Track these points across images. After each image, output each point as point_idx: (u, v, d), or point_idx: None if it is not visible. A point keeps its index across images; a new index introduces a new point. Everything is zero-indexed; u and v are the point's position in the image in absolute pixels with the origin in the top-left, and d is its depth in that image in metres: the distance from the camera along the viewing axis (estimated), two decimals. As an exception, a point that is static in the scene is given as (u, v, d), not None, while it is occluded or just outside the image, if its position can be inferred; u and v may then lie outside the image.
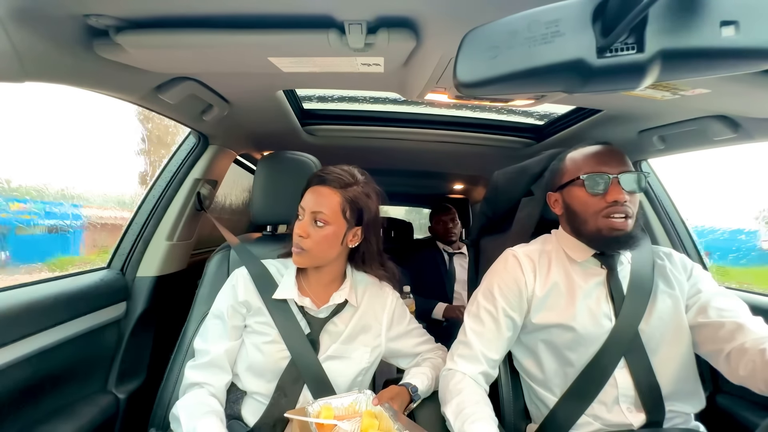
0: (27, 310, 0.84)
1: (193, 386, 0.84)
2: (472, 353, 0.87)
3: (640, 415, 0.82)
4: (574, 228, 0.89)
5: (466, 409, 0.77)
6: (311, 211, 0.86)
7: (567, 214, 0.90)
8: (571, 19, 0.38)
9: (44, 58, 0.66)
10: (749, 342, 0.73)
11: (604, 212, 0.82)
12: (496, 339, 0.88)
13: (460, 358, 0.88)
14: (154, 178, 1.30)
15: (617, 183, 0.81)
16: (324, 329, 0.90)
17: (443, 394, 0.85)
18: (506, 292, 0.89)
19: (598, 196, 0.82)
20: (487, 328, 0.88)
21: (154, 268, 1.23)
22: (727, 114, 0.92)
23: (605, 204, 0.82)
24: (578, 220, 0.87)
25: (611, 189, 0.81)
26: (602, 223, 0.82)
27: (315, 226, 0.86)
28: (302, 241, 0.86)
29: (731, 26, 0.35)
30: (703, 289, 0.85)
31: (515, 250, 0.94)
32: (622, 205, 0.80)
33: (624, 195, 0.80)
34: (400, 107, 1.52)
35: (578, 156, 0.89)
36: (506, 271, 0.91)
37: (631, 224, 0.82)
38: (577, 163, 0.88)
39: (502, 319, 0.88)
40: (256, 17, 0.65)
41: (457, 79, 0.41)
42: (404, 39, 0.67)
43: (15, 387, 0.82)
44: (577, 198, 0.86)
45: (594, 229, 0.84)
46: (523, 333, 0.92)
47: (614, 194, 0.81)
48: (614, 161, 0.83)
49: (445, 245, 2.29)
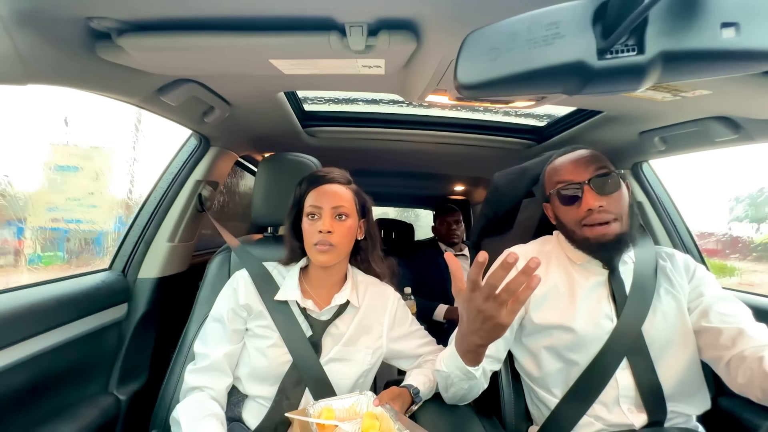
0: (29, 311, 0.84)
1: (194, 390, 0.84)
2: None
3: (641, 415, 0.81)
4: (566, 236, 0.89)
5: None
6: (332, 207, 0.88)
7: (558, 224, 0.91)
8: (571, 21, 0.38)
9: (47, 61, 0.66)
10: (748, 350, 0.72)
11: (584, 221, 0.81)
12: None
13: None
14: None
15: (590, 189, 0.80)
16: (326, 332, 0.90)
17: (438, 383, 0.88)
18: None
19: (574, 206, 0.82)
20: None
21: (155, 270, 1.24)
22: (728, 115, 0.92)
23: (583, 213, 0.81)
24: (566, 230, 0.87)
25: (584, 197, 0.80)
26: (587, 232, 0.82)
27: (337, 220, 0.88)
28: (330, 237, 0.86)
29: (731, 28, 0.35)
30: (705, 292, 0.84)
31: (512, 251, 0.94)
32: (598, 212, 0.79)
33: (596, 201, 0.79)
34: (400, 109, 1.52)
35: (550, 168, 0.89)
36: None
37: (616, 227, 0.80)
38: (550, 176, 0.88)
39: None
40: (257, 19, 0.65)
41: (458, 81, 0.41)
42: (405, 41, 0.67)
43: (17, 388, 0.82)
44: (558, 209, 0.87)
45: (581, 238, 0.84)
46: (524, 335, 0.92)
47: (587, 202, 0.79)
48: (583, 167, 0.82)
49: (447, 246, 2.29)
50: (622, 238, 0.81)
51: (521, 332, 0.92)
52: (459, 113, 1.53)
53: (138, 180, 1.46)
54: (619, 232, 0.80)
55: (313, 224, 0.88)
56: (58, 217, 1.34)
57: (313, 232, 0.87)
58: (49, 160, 1.33)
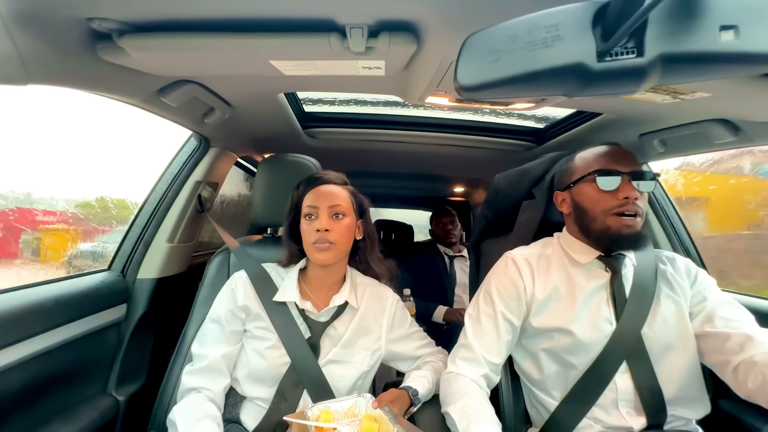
0: (28, 312, 0.84)
1: (191, 391, 0.84)
2: (473, 356, 0.87)
3: (640, 418, 0.81)
4: (581, 227, 0.88)
5: (471, 409, 0.77)
6: (328, 206, 0.88)
7: (575, 213, 0.90)
8: (571, 24, 0.38)
9: (48, 62, 0.66)
10: (759, 355, 0.71)
11: (614, 210, 0.82)
12: (495, 343, 0.88)
13: (462, 361, 0.88)
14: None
15: (628, 181, 0.81)
16: (325, 333, 0.90)
17: (445, 396, 0.84)
18: (504, 295, 0.89)
19: (609, 193, 0.82)
20: (487, 331, 0.88)
21: (154, 270, 1.24)
22: (728, 117, 0.92)
23: (616, 201, 0.81)
24: (587, 218, 0.86)
25: (622, 186, 0.81)
26: (611, 221, 0.82)
27: (335, 219, 0.88)
28: (328, 235, 0.86)
29: (730, 30, 0.35)
30: (708, 297, 0.84)
31: (513, 253, 0.94)
32: (632, 203, 0.80)
33: (635, 192, 0.80)
34: (400, 110, 1.52)
35: (589, 154, 0.89)
36: (504, 274, 0.91)
37: (640, 223, 0.82)
38: (587, 161, 0.88)
39: (501, 322, 0.88)
40: (258, 21, 0.65)
41: (458, 83, 0.41)
42: (405, 43, 0.67)
43: (15, 389, 0.82)
44: (586, 195, 0.86)
45: (603, 227, 0.83)
46: (523, 337, 0.92)
47: (625, 191, 0.80)
48: (626, 161, 0.83)
49: (446, 248, 2.29)
50: (640, 236, 0.82)
51: (522, 335, 0.92)
52: (459, 115, 1.53)
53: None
54: (640, 229, 0.82)
55: (310, 224, 0.88)
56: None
57: (311, 232, 0.88)
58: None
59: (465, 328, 0.92)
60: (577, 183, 0.88)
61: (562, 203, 0.94)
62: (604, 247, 0.87)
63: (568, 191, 0.91)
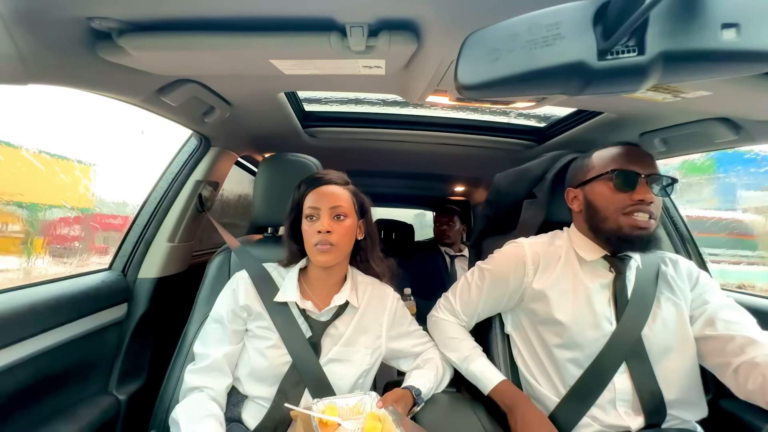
0: (29, 311, 0.84)
1: (193, 390, 0.84)
2: (452, 309, 1.03)
3: (638, 418, 0.81)
4: (592, 225, 0.88)
5: (464, 351, 0.97)
6: (330, 207, 0.88)
7: (587, 211, 0.90)
8: (571, 22, 0.38)
9: (48, 61, 0.66)
10: (760, 357, 0.72)
11: (627, 209, 0.82)
12: (473, 311, 1.01)
13: (444, 309, 1.05)
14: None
15: (645, 183, 0.81)
16: (325, 332, 0.90)
17: (439, 340, 1.02)
18: (499, 279, 0.94)
19: (625, 193, 0.82)
20: (471, 299, 1.00)
21: (155, 270, 1.24)
22: (729, 116, 0.92)
23: (630, 202, 0.81)
24: (598, 217, 0.86)
25: (639, 188, 0.81)
26: (623, 221, 0.82)
27: (336, 220, 0.88)
28: (329, 236, 0.86)
29: (732, 29, 0.35)
30: (709, 300, 0.84)
31: (523, 241, 0.96)
32: (647, 205, 0.80)
33: (651, 195, 0.81)
34: (401, 109, 1.52)
35: (607, 153, 0.89)
36: (508, 259, 0.95)
37: (654, 225, 0.82)
38: (605, 160, 0.87)
39: (483, 299, 0.98)
40: (257, 20, 0.65)
41: (458, 82, 0.41)
42: (405, 42, 0.67)
43: (16, 388, 0.82)
44: (601, 194, 0.86)
45: (614, 227, 0.83)
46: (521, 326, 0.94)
47: (642, 193, 0.81)
48: (645, 162, 0.84)
49: (447, 247, 2.29)
50: (654, 237, 0.82)
51: (519, 324, 0.96)
52: (459, 114, 1.53)
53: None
54: (652, 232, 0.82)
55: (312, 225, 0.88)
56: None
57: (312, 233, 0.87)
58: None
59: (459, 282, 1.04)
60: (591, 181, 0.88)
61: (574, 200, 0.94)
62: (613, 247, 0.87)
63: (581, 189, 0.91)
